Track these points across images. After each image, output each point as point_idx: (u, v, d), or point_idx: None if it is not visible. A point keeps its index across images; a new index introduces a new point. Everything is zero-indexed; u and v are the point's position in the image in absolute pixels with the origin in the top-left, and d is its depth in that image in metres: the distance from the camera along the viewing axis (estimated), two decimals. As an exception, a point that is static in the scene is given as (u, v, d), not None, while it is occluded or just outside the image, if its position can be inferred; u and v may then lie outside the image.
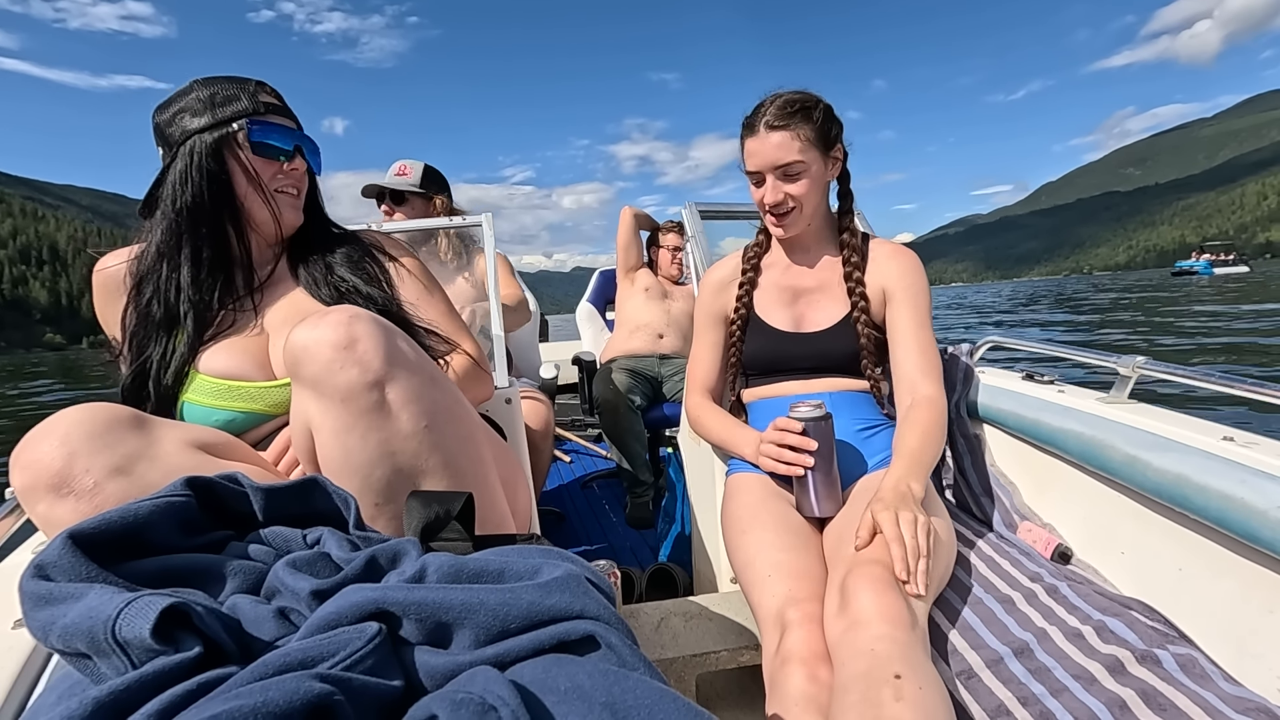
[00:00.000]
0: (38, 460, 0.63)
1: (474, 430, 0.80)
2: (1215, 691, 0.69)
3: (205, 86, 0.92)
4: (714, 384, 1.28)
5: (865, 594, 0.75)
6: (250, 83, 0.95)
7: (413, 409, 0.69)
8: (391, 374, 0.67)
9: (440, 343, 1.01)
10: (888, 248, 1.20)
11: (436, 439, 0.71)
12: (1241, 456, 0.83)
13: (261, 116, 0.93)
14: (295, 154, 0.97)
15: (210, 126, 0.90)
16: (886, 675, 0.65)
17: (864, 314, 1.14)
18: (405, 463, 0.69)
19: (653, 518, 2.21)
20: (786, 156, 1.07)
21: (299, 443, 0.73)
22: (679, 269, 2.69)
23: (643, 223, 2.66)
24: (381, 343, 0.68)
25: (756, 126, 1.09)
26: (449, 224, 1.66)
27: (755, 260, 1.25)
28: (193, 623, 0.38)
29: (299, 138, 0.98)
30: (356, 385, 0.66)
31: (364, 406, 0.66)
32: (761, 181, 1.11)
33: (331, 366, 0.65)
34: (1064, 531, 1.07)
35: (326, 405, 0.67)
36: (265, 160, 0.94)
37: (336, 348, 0.66)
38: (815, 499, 0.99)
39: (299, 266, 1.02)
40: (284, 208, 0.98)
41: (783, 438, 1.00)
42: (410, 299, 1.04)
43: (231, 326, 0.96)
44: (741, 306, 1.22)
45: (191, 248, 0.93)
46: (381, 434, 0.67)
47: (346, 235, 1.09)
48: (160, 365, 0.91)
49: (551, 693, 0.37)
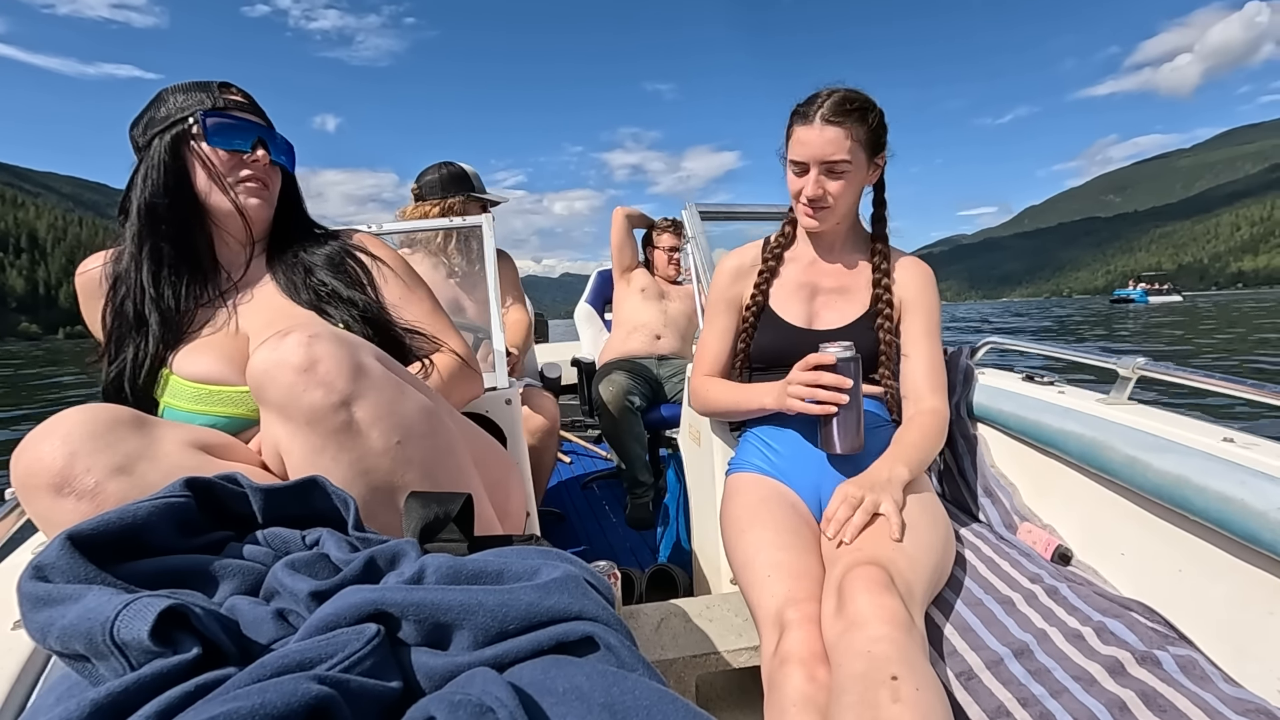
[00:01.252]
0: (39, 460, 0.63)
1: (451, 439, 0.78)
2: (1215, 693, 0.68)
3: (170, 93, 0.93)
4: (721, 369, 1.27)
5: (862, 595, 0.75)
6: (214, 83, 0.95)
7: (383, 425, 0.68)
8: (357, 392, 0.66)
9: (425, 342, 1.00)
10: (906, 259, 1.21)
11: (410, 453, 0.70)
12: (1241, 458, 0.82)
13: (221, 110, 0.92)
14: (257, 146, 0.95)
15: (169, 125, 0.90)
16: (884, 676, 0.65)
17: (888, 319, 1.14)
18: (380, 480, 0.69)
19: (653, 518, 2.21)
20: (836, 154, 1.06)
21: (273, 465, 0.73)
22: (676, 269, 2.67)
23: (636, 222, 2.64)
24: (344, 361, 0.66)
25: (811, 117, 1.06)
26: (449, 224, 1.66)
27: (778, 251, 1.23)
28: (191, 624, 0.38)
29: (262, 131, 0.96)
30: (321, 407, 0.65)
31: (332, 428, 0.65)
32: (804, 171, 1.09)
33: (294, 390, 0.64)
34: (1064, 532, 1.07)
35: (294, 429, 0.66)
36: (224, 153, 0.93)
37: (298, 371, 0.64)
38: (840, 437, 1.00)
39: (277, 268, 1.01)
40: (247, 201, 0.95)
41: (816, 377, 1.00)
42: (393, 299, 1.03)
43: (207, 328, 0.95)
44: (759, 295, 1.21)
45: (152, 245, 0.92)
46: (353, 454, 0.67)
47: (327, 235, 1.08)
48: (134, 365, 0.91)
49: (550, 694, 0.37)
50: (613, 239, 2.62)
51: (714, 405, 1.23)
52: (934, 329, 1.16)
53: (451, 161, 2.05)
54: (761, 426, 1.18)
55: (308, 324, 0.69)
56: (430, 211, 1.95)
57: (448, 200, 1.97)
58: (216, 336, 0.94)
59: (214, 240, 0.98)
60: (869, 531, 0.88)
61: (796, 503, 1.05)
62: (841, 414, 0.99)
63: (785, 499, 1.04)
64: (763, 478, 1.10)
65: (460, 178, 2.02)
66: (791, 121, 1.11)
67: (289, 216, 1.05)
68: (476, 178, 2.08)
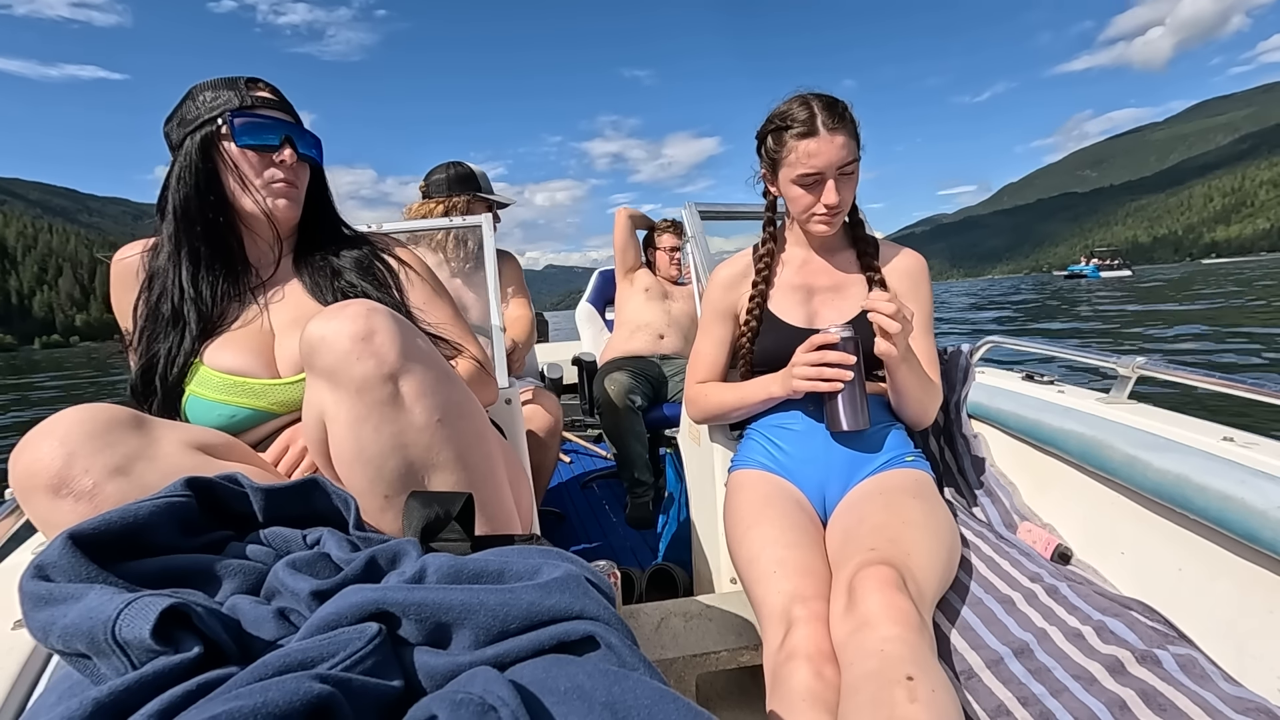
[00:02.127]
0: (37, 460, 0.63)
1: (484, 428, 0.80)
2: (1215, 692, 0.69)
3: (200, 90, 0.93)
4: (717, 378, 1.28)
5: (874, 595, 0.75)
6: (241, 79, 0.95)
7: (426, 402, 0.69)
8: (407, 367, 0.68)
9: (447, 347, 1.01)
10: (896, 249, 1.22)
11: (449, 433, 0.71)
12: (1241, 457, 0.83)
13: (249, 109, 0.93)
14: (284, 145, 0.95)
15: (199, 125, 0.91)
16: (898, 676, 0.65)
17: None
18: (417, 455, 0.70)
19: (653, 518, 2.21)
20: (849, 156, 1.07)
21: (311, 434, 0.73)
22: (677, 269, 2.68)
23: (638, 223, 2.65)
24: (398, 336, 0.68)
25: (816, 129, 1.06)
26: (448, 224, 1.66)
27: (768, 258, 1.24)
28: (193, 623, 0.38)
29: (289, 129, 0.96)
30: (372, 377, 0.66)
31: (379, 398, 0.67)
32: (818, 182, 1.09)
33: (349, 357, 0.66)
34: (1064, 532, 1.07)
35: (341, 396, 0.67)
36: (252, 153, 0.93)
37: (354, 339, 0.66)
38: (846, 414, 1.03)
39: (304, 269, 1.02)
40: (274, 201, 0.96)
41: (821, 356, 1.02)
42: (418, 303, 1.05)
43: (237, 322, 0.97)
44: (757, 298, 1.22)
45: (189, 247, 0.94)
46: (395, 426, 0.68)
47: (356, 237, 1.09)
48: (167, 362, 0.92)
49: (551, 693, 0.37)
50: (616, 240, 2.63)
51: (716, 408, 1.23)
52: (926, 319, 1.17)
53: (460, 161, 2.08)
54: (766, 423, 1.18)
55: (364, 300, 0.71)
56: (435, 210, 1.97)
57: (452, 199, 1.98)
58: (246, 330, 0.96)
59: (244, 238, 1.00)
60: (878, 531, 0.88)
61: (801, 500, 1.05)
62: (847, 390, 1.03)
63: (790, 496, 1.05)
64: (767, 474, 1.10)
65: (467, 177, 2.04)
66: (783, 140, 1.09)
67: (317, 215, 1.06)
68: (484, 178, 2.09)
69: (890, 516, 0.91)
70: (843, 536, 0.93)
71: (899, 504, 0.94)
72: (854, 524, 0.92)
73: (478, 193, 2.04)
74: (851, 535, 0.90)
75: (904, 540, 0.85)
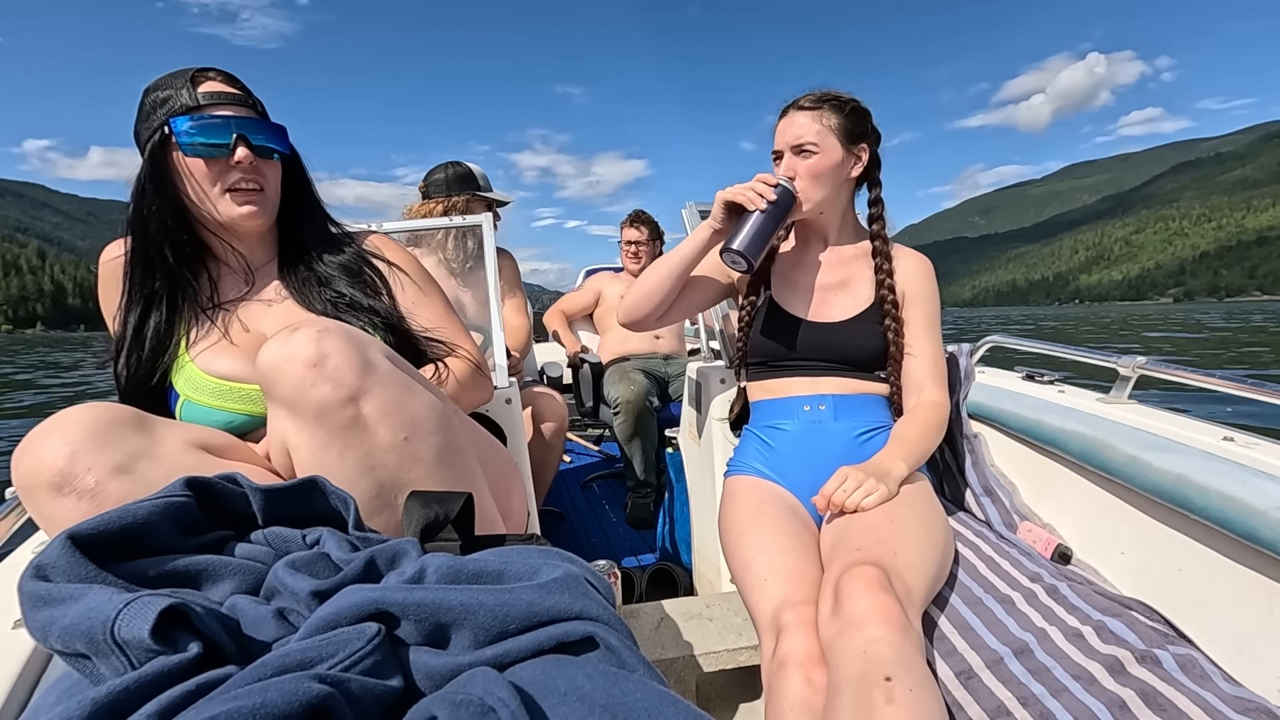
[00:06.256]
0: (40, 459, 0.63)
1: (457, 437, 0.78)
2: (1215, 692, 0.68)
3: (150, 90, 0.87)
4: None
5: (860, 596, 0.75)
6: (186, 74, 0.87)
7: (390, 422, 0.68)
8: (365, 388, 0.66)
9: (439, 346, 1.00)
10: (906, 251, 1.21)
11: (417, 450, 0.70)
12: (1242, 457, 0.82)
13: (195, 109, 0.85)
14: (236, 145, 0.86)
15: (150, 135, 0.85)
16: (878, 677, 0.65)
17: (894, 315, 1.14)
18: (387, 476, 0.69)
19: (653, 518, 2.21)
20: (804, 135, 1.10)
21: (278, 460, 0.72)
22: (635, 262, 2.75)
23: (572, 316, 2.91)
24: (353, 356, 0.66)
25: (786, 110, 1.13)
26: (448, 223, 1.66)
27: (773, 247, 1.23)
28: (192, 623, 0.38)
29: (242, 124, 0.87)
30: (330, 402, 0.64)
31: (340, 423, 0.65)
32: (779, 158, 1.14)
33: (303, 385, 0.64)
34: (1064, 531, 1.07)
35: (301, 424, 0.66)
36: (204, 161, 0.86)
37: (307, 365, 0.64)
38: (743, 235, 1.05)
39: (290, 277, 0.98)
40: (237, 210, 0.89)
41: (760, 178, 1.07)
42: (408, 304, 1.02)
43: (231, 327, 0.95)
44: (760, 285, 1.21)
45: (159, 257, 0.90)
46: (360, 449, 0.67)
47: (343, 238, 1.05)
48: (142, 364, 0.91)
49: (551, 694, 0.37)
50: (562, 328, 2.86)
51: (649, 283, 1.18)
52: (933, 322, 1.17)
53: (459, 161, 2.08)
54: (761, 424, 1.18)
55: (316, 319, 0.69)
56: (434, 209, 1.97)
57: (452, 198, 1.98)
58: (238, 336, 0.94)
59: (221, 245, 0.96)
60: (867, 531, 0.88)
61: (795, 505, 1.05)
62: (758, 218, 1.05)
63: (784, 502, 1.04)
64: (761, 480, 1.10)
65: (466, 177, 2.04)
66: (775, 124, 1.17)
67: (301, 214, 1.01)
68: (483, 177, 2.09)
69: (879, 517, 0.91)
70: (834, 539, 0.92)
71: (889, 504, 0.94)
72: (845, 527, 0.92)
73: (477, 192, 2.04)
74: (842, 537, 0.90)
75: (892, 540, 0.85)
